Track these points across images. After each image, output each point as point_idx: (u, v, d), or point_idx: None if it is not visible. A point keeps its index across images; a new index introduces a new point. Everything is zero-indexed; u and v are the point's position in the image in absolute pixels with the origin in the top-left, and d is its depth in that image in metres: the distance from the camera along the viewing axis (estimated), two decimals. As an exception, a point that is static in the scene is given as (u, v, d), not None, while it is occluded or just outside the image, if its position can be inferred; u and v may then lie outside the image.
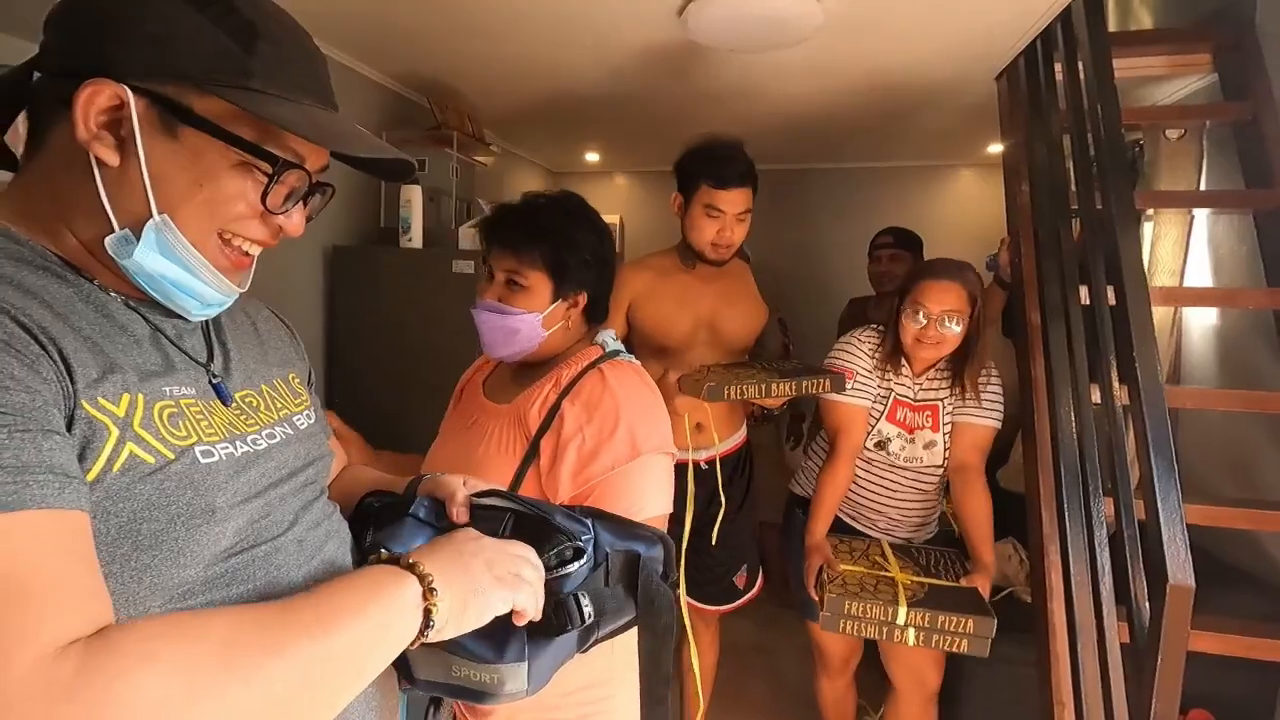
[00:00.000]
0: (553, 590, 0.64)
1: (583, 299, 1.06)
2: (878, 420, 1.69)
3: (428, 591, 0.55)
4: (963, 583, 1.57)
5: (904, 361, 1.68)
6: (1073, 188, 1.85)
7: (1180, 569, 1.28)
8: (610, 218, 4.16)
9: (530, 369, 1.07)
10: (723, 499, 1.77)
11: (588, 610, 0.65)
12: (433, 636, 0.55)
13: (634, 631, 0.71)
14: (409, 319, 2.08)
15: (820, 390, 1.61)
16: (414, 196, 2.12)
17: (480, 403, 1.10)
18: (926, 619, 1.43)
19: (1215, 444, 2.13)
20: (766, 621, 2.74)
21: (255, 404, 0.64)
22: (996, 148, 2.66)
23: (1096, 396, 1.64)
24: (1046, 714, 1.60)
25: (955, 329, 1.58)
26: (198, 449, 0.54)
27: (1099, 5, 1.71)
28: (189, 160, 0.53)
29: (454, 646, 0.62)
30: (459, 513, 0.68)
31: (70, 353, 0.48)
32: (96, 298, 0.54)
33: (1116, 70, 1.76)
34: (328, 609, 0.50)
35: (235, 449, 0.57)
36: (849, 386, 1.66)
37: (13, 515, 0.40)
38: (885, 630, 1.45)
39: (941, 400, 1.70)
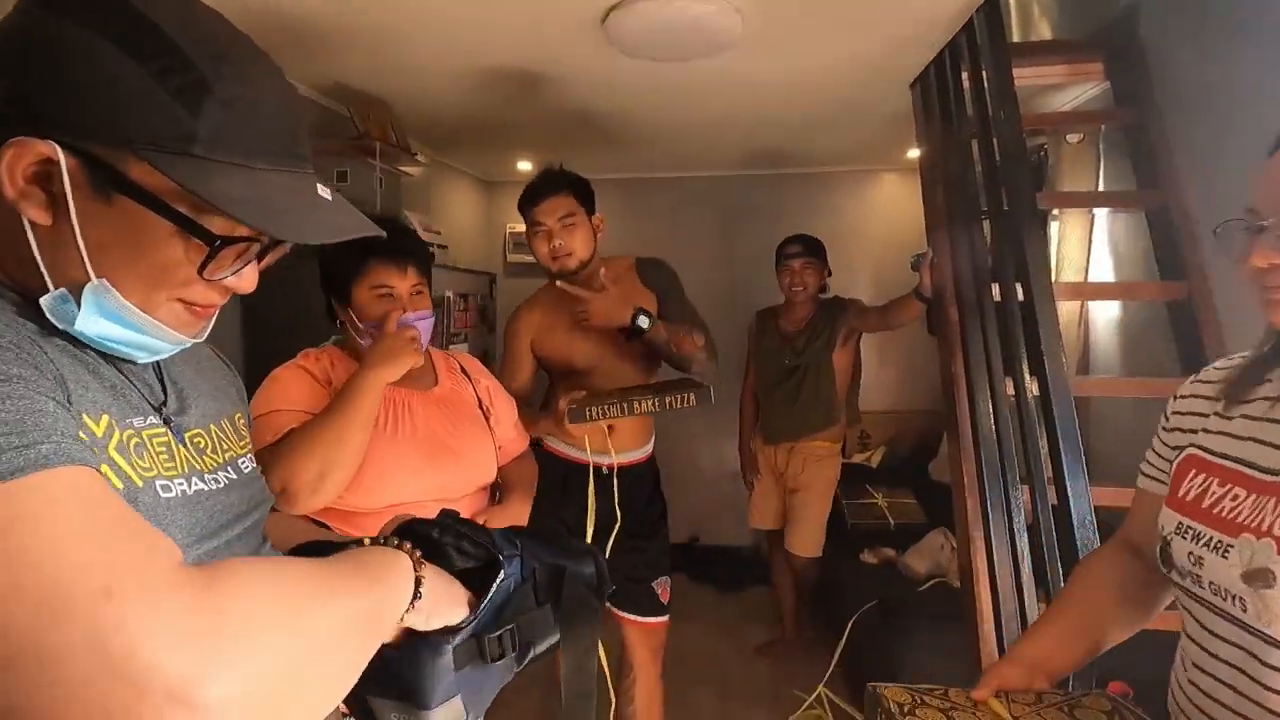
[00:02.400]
0: (474, 627, 0.63)
1: None
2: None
3: (416, 564, 0.57)
4: None
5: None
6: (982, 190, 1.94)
7: (1090, 550, 1.35)
8: (546, 227, 4.07)
9: None
10: (619, 514, 1.77)
11: (513, 636, 0.64)
12: (413, 615, 0.56)
13: None
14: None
15: (684, 405, 1.56)
16: (338, 240, 2.06)
17: (404, 397, 1.26)
18: None
19: (1121, 429, 2.27)
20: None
21: (204, 445, 0.62)
22: (915, 153, 2.77)
23: (1012, 390, 1.72)
24: (977, 696, 1.66)
25: None
26: (158, 482, 0.53)
27: (999, 19, 1.80)
28: (125, 227, 0.49)
29: (379, 705, 0.60)
30: None
31: (61, 368, 0.48)
32: (54, 335, 0.51)
33: (1019, 79, 1.86)
34: (364, 577, 0.52)
35: (189, 487, 0.56)
36: None
37: (90, 470, 0.43)
38: None
39: None
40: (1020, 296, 1.70)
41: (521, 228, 4.00)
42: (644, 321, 1.61)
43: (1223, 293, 1.80)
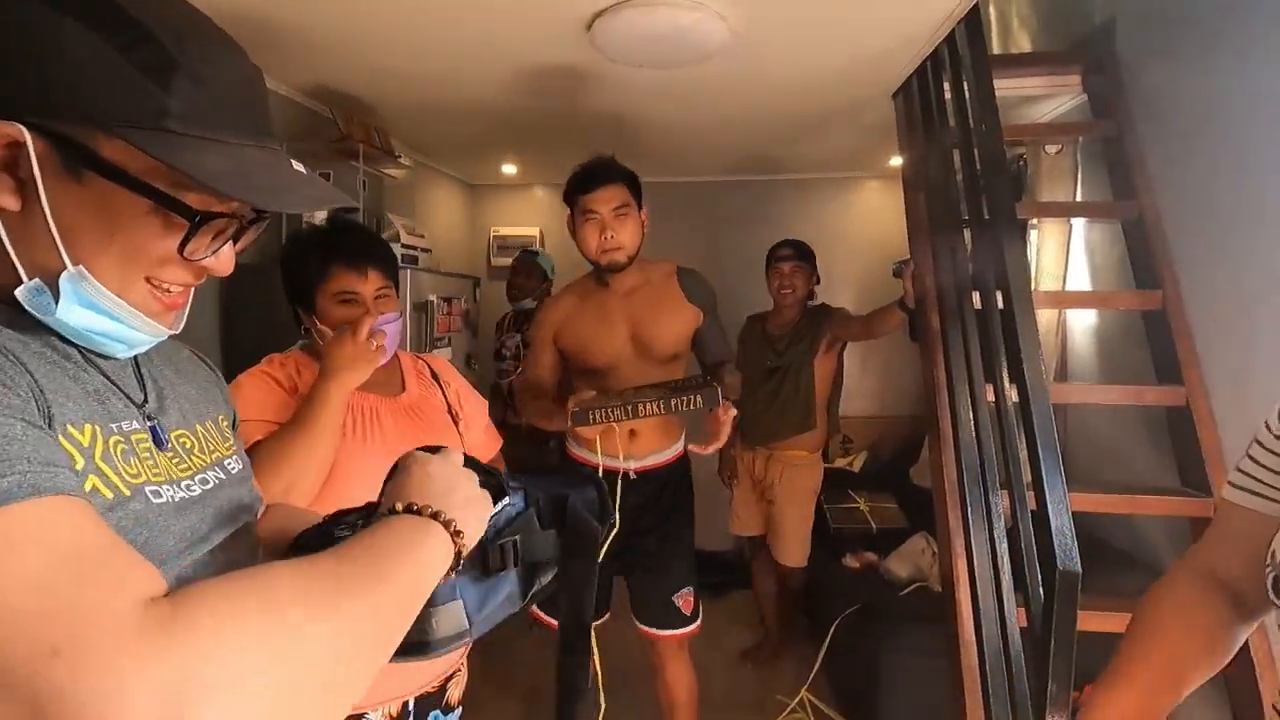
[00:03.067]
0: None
1: None
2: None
3: (454, 535, 0.55)
4: None
5: None
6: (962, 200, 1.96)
7: (1068, 556, 1.37)
8: (530, 230, 4.13)
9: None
10: (616, 519, 1.76)
11: (515, 549, 0.64)
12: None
13: None
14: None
15: (691, 407, 1.53)
16: (318, 214, 2.04)
17: (373, 404, 1.25)
18: None
19: (1098, 435, 2.30)
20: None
21: (189, 445, 0.61)
22: (898, 160, 2.80)
23: (992, 396, 1.74)
24: (956, 699, 1.68)
25: None
26: (148, 488, 0.51)
27: (979, 31, 1.83)
28: (97, 207, 0.47)
29: None
30: None
31: (37, 375, 0.46)
32: (31, 328, 0.50)
33: (999, 90, 1.89)
34: (380, 567, 0.49)
35: (175, 493, 0.55)
36: None
37: (59, 499, 0.40)
38: None
39: None
40: (1000, 304, 1.72)
41: (505, 231, 4.04)
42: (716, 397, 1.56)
43: (1195, 302, 1.84)
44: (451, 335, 2.37)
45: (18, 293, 0.48)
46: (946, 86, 2.04)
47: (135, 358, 0.60)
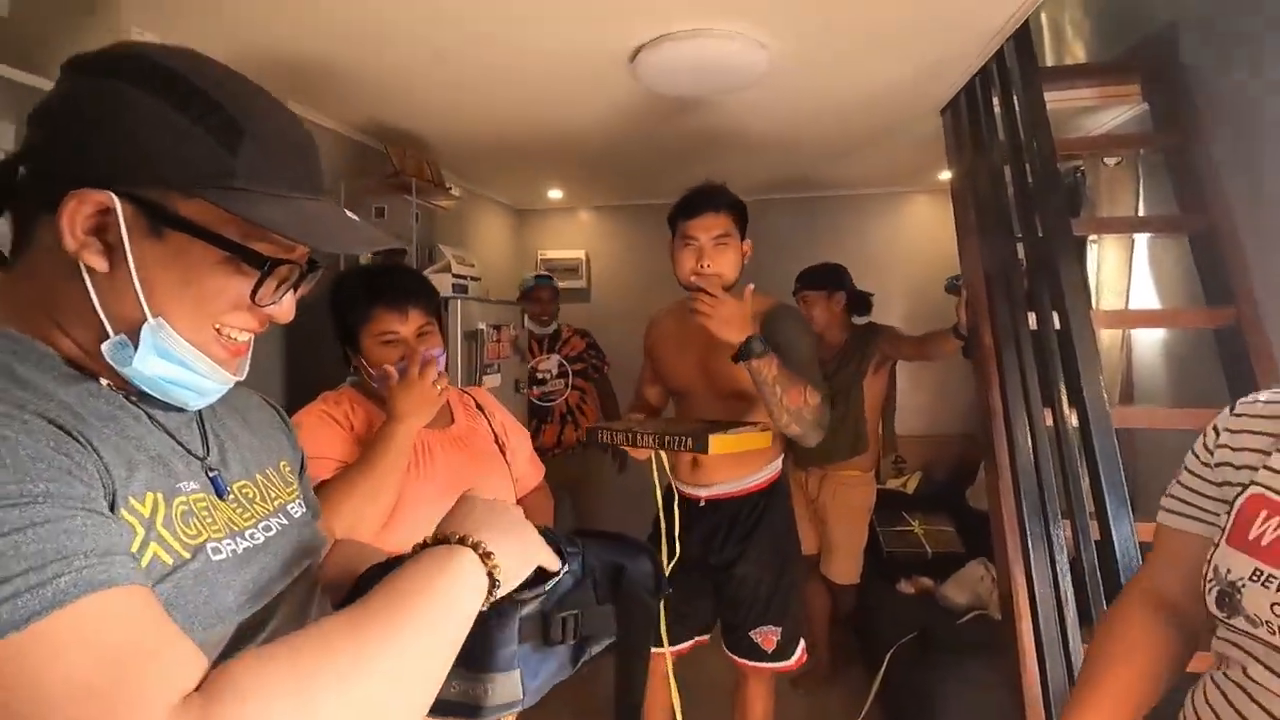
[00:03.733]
0: (542, 602, 0.64)
1: None
2: (1219, 539, 0.76)
3: (483, 557, 0.55)
4: None
5: None
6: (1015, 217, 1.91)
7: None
8: (575, 253, 4.20)
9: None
10: (677, 547, 1.73)
11: (576, 623, 0.65)
12: (498, 593, 0.57)
13: None
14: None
15: (683, 448, 1.50)
16: (370, 251, 2.12)
17: (424, 437, 1.27)
18: None
19: (1169, 459, 2.18)
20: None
21: (251, 495, 0.64)
22: (947, 174, 2.75)
23: (1050, 420, 1.68)
24: (1021, 737, 1.61)
25: None
26: (209, 546, 0.54)
27: (1029, 47, 1.79)
28: (175, 260, 0.53)
29: None
30: None
31: (104, 455, 0.48)
32: (104, 395, 0.54)
33: (1052, 102, 1.84)
34: (401, 610, 0.49)
35: (237, 545, 0.58)
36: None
37: (111, 591, 0.42)
38: None
39: None
40: (1057, 325, 1.67)
41: (551, 254, 4.11)
42: (756, 346, 1.48)
43: (1274, 318, 1.73)
44: (500, 362, 2.42)
45: (104, 347, 0.53)
46: (996, 101, 2.00)
47: (200, 412, 0.63)
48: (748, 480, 1.76)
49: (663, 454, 1.70)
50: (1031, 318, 1.79)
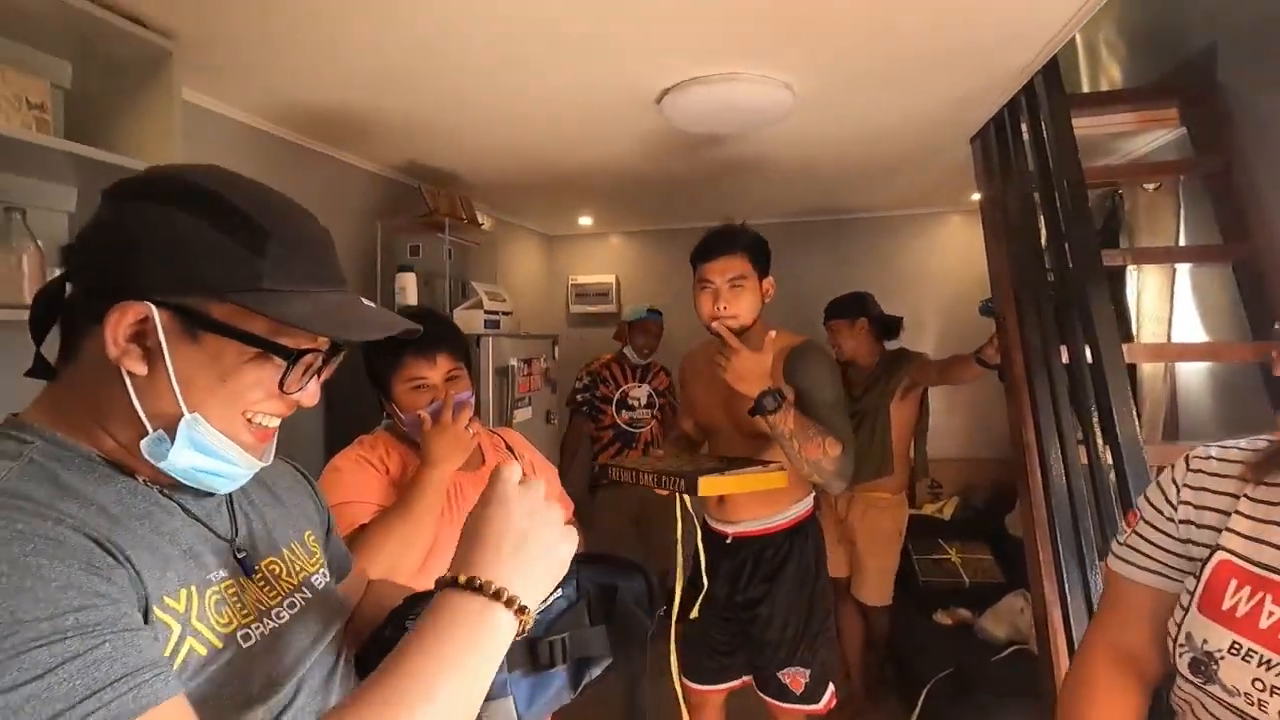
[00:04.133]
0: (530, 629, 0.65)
1: None
2: (1189, 604, 0.75)
3: (518, 612, 0.56)
4: None
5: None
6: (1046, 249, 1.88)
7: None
8: (606, 277, 4.23)
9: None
10: (704, 581, 1.74)
11: (564, 646, 0.67)
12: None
13: None
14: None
15: (674, 489, 1.49)
16: (408, 283, 2.19)
17: (456, 479, 1.29)
18: None
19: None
20: None
21: (277, 571, 0.67)
22: (978, 196, 2.71)
23: (1085, 458, 1.65)
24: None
25: None
26: (239, 634, 0.58)
27: (1058, 77, 1.77)
28: (210, 360, 0.57)
29: None
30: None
31: (137, 560, 0.52)
32: (140, 492, 0.58)
33: (1086, 129, 1.81)
34: (434, 670, 0.52)
35: (265, 626, 0.61)
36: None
37: (145, 715, 0.45)
38: None
39: None
40: (1089, 358, 1.63)
41: (583, 279, 4.16)
42: (769, 402, 1.51)
43: (1323, 352, 1.67)
44: (532, 395, 2.46)
45: (143, 444, 0.57)
46: (1025, 128, 1.98)
47: (229, 496, 0.67)
48: (774, 519, 1.75)
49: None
50: (1064, 351, 1.76)
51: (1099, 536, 1.59)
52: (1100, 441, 1.59)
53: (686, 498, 1.73)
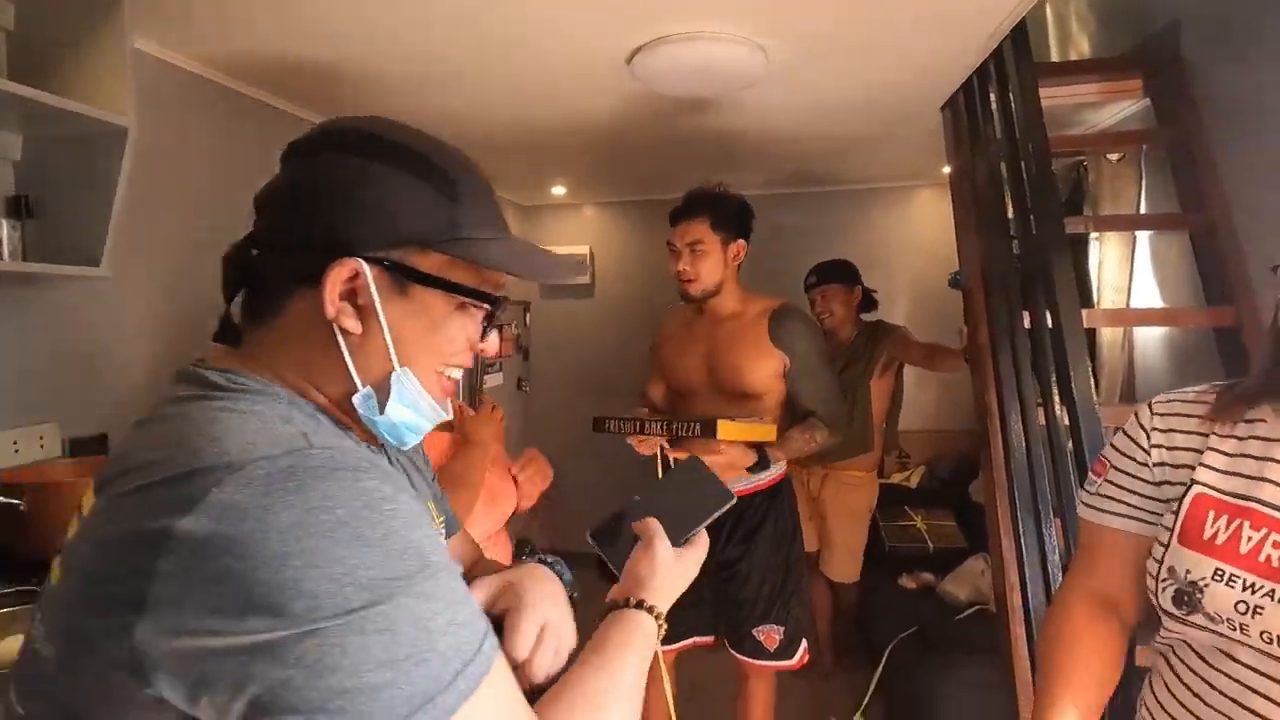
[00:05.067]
0: None
1: None
2: (1169, 539, 0.78)
3: (660, 626, 0.66)
4: None
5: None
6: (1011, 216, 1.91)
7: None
8: (580, 248, 4.20)
9: None
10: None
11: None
12: None
13: None
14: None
15: (690, 435, 1.55)
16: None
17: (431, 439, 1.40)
18: None
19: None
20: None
21: (433, 516, 0.71)
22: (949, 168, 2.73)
23: (1044, 420, 1.69)
24: (1014, 735, 1.63)
25: None
26: None
27: (1026, 44, 1.78)
28: (420, 313, 0.57)
29: None
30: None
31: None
32: (361, 448, 0.58)
33: (1054, 98, 1.83)
34: (619, 672, 0.58)
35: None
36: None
37: (495, 660, 0.47)
38: None
39: None
40: (1050, 324, 1.67)
41: (557, 249, 4.12)
42: (759, 473, 1.67)
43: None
44: (502, 361, 2.45)
45: (355, 400, 0.56)
46: (994, 99, 2.00)
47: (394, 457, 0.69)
48: (752, 480, 1.78)
49: (666, 452, 1.72)
50: (1026, 316, 1.79)
51: (1054, 495, 1.64)
52: (1058, 403, 1.63)
53: (671, 457, 1.75)
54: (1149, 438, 0.83)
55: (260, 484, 0.42)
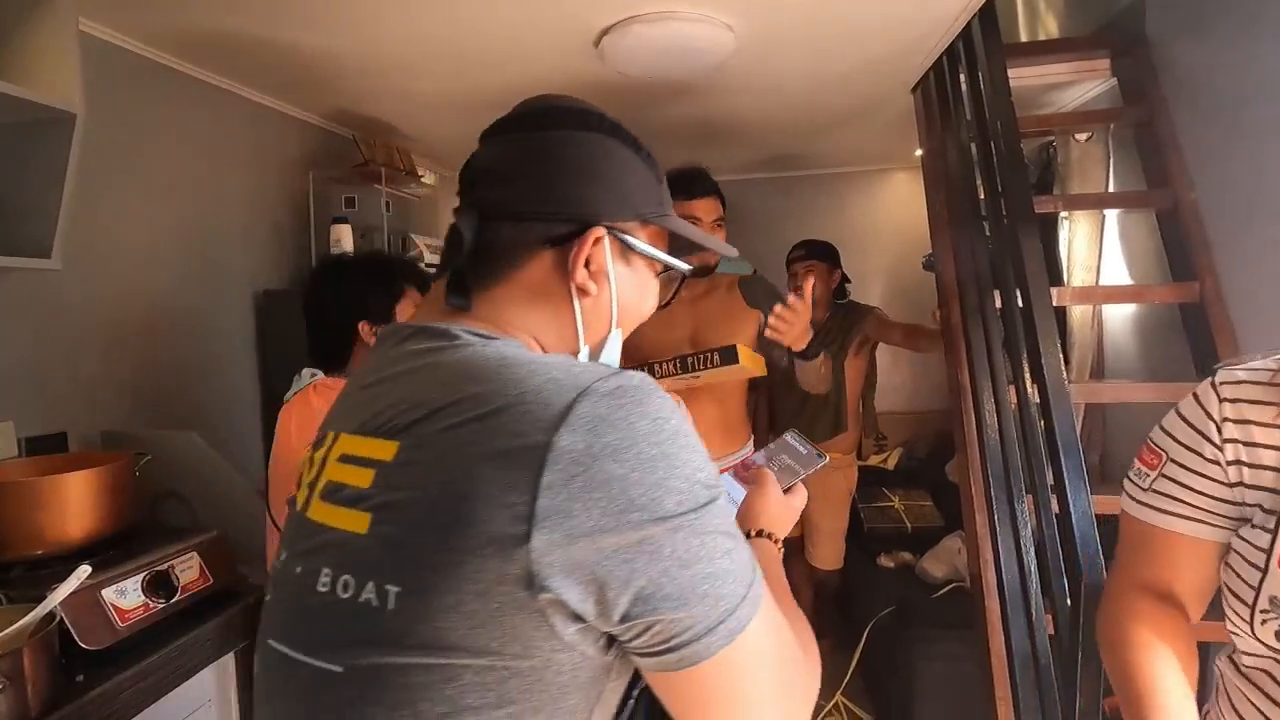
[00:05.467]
0: None
1: None
2: (1266, 563, 0.67)
3: (777, 545, 0.73)
4: None
5: None
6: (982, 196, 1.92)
7: (1091, 565, 1.33)
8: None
9: None
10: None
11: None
12: None
13: None
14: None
15: (708, 365, 1.54)
16: (344, 235, 2.11)
17: None
18: None
19: (1141, 432, 2.22)
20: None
21: None
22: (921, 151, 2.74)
23: (1015, 398, 1.70)
24: (989, 707, 1.65)
25: None
26: None
27: (994, 23, 1.78)
28: (637, 279, 0.64)
29: None
30: None
31: None
32: None
33: (1023, 78, 1.84)
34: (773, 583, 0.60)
35: None
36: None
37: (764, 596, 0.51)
38: None
39: None
40: (1021, 303, 1.68)
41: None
42: (813, 350, 1.63)
43: (1235, 293, 1.76)
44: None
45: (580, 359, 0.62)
46: (963, 79, 2.00)
47: None
48: (731, 457, 1.80)
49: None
50: (997, 296, 1.81)
51: (1026, 473, 1.65)
52: (1029, 381, 1.65)
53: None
54: (1220, 430, 0.69)
55: (611, 399, 0.47)
